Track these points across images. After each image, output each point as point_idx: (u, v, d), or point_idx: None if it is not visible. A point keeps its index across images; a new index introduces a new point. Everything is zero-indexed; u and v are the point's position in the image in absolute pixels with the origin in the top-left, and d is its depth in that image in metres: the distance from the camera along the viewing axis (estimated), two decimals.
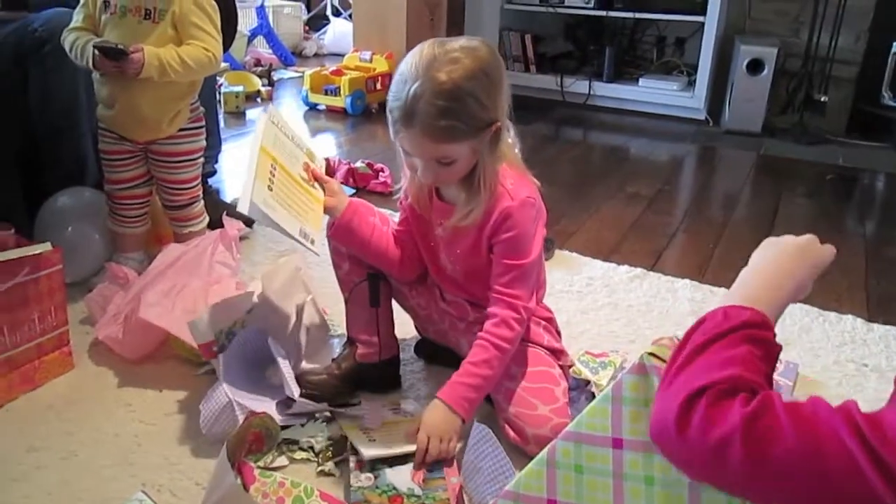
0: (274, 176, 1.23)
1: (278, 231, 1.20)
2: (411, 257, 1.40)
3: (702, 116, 3.77)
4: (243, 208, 1.14)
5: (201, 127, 1.76)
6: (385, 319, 1.43)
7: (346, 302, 1.44)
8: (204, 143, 1.78)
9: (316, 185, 1.34)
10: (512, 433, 1.24)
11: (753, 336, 0.72)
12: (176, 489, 1.15)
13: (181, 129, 1.70)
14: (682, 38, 4.07)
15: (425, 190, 1.31)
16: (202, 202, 1.82)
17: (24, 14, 1.82)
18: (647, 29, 4.18)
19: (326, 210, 1.32)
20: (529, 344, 1.35)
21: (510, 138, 1.25)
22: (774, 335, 0.74)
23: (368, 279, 1.39)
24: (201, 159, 1.78)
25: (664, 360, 0.77)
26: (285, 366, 1.32)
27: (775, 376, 1.48)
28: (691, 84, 3.79)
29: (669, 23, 4.01)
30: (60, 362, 1.43)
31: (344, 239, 1.35)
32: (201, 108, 1.76)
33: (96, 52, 1.52)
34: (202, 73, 1.64)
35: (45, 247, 1.37)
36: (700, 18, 3.66)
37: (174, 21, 1.58)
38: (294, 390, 1.29)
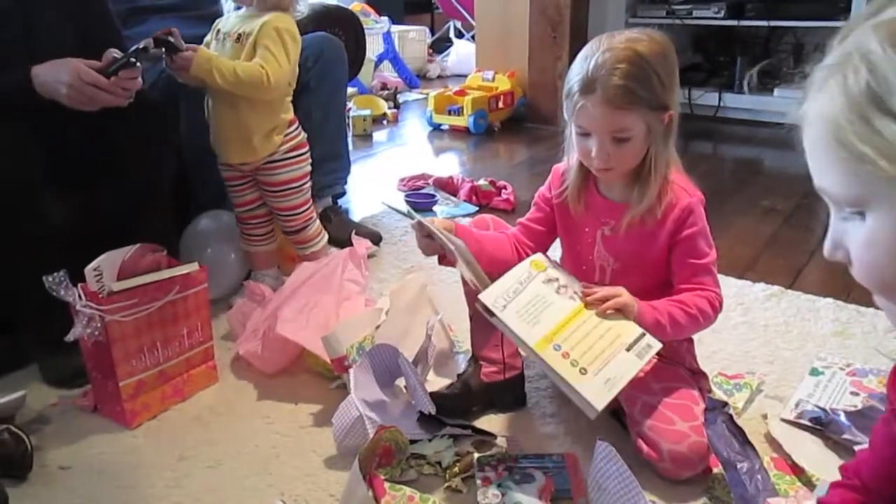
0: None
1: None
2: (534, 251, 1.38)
3: None
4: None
5: (301, 155, 1.79)
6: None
7: (471, 318, 1.45)
8: (308, 168, 1.82)
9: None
10: (646, 448, 1.21)
11: None
12: (311, 499, 1.20)
13: (280, 160, 1.74)
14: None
15: (585, 188, 1.32)
16: (318, 223, 1.88)
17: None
18: (783, 37, 3.99)
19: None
20: (671, 362, 1.32)
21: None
22: None
23: None
24: (308, 185, 1.82)
25: None
26: (418, 383, 1.35)
27: None
28: None
29: (808, 30, 3.81)
30: (206, 376, 1.53)
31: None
32: (303, 134, 1.80)
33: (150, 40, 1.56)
34: (253, 89, 1.63)
35: (192, 266, 1.46)
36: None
37: (254, 43, 1.64)
38: (430, 407, 1.31)
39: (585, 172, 1.32)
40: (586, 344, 1.17)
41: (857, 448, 1.26)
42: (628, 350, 1.18)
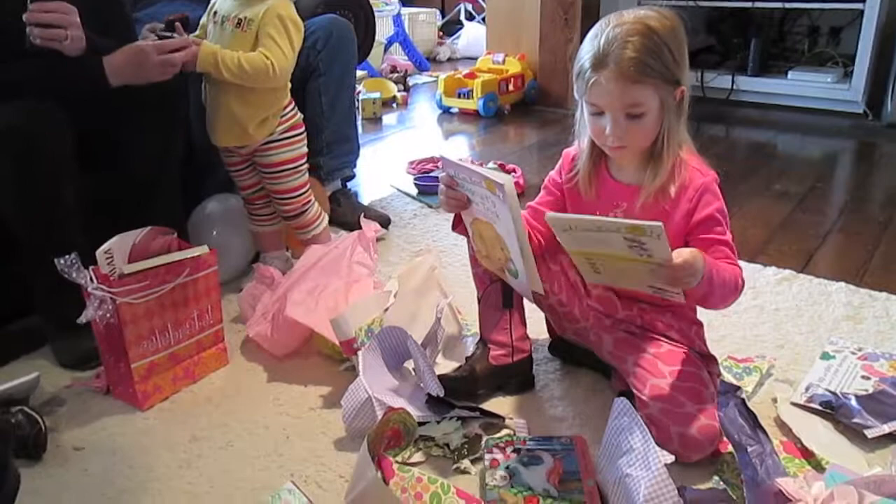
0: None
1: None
2: (543, 238, 1.37)
3: (859, 110, 3.50)
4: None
5: (298, 135, 1.77)
6: (517, 321, 1.43)
7: (479, 301, 1.45)
8: (304, 150, 1.80)
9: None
10: (654, 430, 1.20)
11: None
12: (322, 481, 1.21)
13: (277, 140, 1.73)
14: (838, 27, 3.80)
15: (596, 171, 1.31)
16: (316, 206, 1.86)
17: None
18: (798, 19, 3.95)
19: None
20: (682, 346, 1.32)
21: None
22: None
23: (501, 281, 1.39)
24: (304, 167, 1.81)
25: None
26: (426, 365, 1.35)
27: None
28: (847, 76, 3.53)
29: (823, 12, 3.76)
30: (217, 358, 1.54)
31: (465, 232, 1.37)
32: (299, 115, 1.78)
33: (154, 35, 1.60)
34: (258, 79, 1.63)
35: (203, 249, 1.47)
36: (859, 6, 3.40)
37: (257, 30, 1.63)
38: (438, 389, 1.32)
39: (597, 156, 1.31)
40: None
41: (867, 433, 1.25)
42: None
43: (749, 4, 3.73)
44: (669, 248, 1.05)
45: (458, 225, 1.36)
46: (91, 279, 1.31)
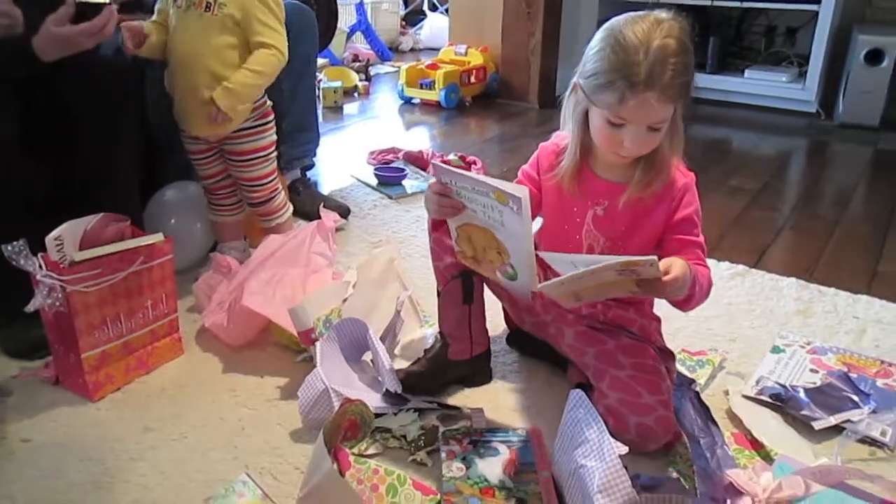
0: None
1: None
2: None
3: (813, 109, 3.59)
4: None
5: (267, 123, 1.76)
6: (477, 316, 1.43)
7: (440, 296, 1.45)
8: (273, 138, 1.78)
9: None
10: (612, 420, 1.22)
11: None
12: (277, 472, 1.20)
13: (248, 128, 1.71)
14: (794, 27, 3.88)
15: (579, 170, 1.31)
16: (283, 195, 1.85)
17: (141, 16, 1.92)
18: (756, 18, 4.02)
19: None
20: (641, 339, 1.33)
21: None
22: None
23: (461, 277, 1.39)
24: (273, 154, 1.79)
25: None
26: (384, 358, 1.35)
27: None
28: (802, 75, 3.62)
29: (780, 12, 3.84)
30: (171, 348, 1.51)
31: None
32: (268, 103, 1.76)
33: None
34: (274, 74, 1.65)
35: (158, 237, 1.44)
36: (814, 7, 3.48)
37: (236, 15, 1.60)
38: (396, 385, 1.32)
39: (584, 153, 1.30)
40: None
41: (814, 424, 1.29)
42: None
43: (708, 3, 3.78)
44: (661, 269, 1.08)
45: (439, 227, 1.35)
46: (40, 266, 1.27)
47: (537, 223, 1.42)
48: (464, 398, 1.40)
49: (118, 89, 1.64)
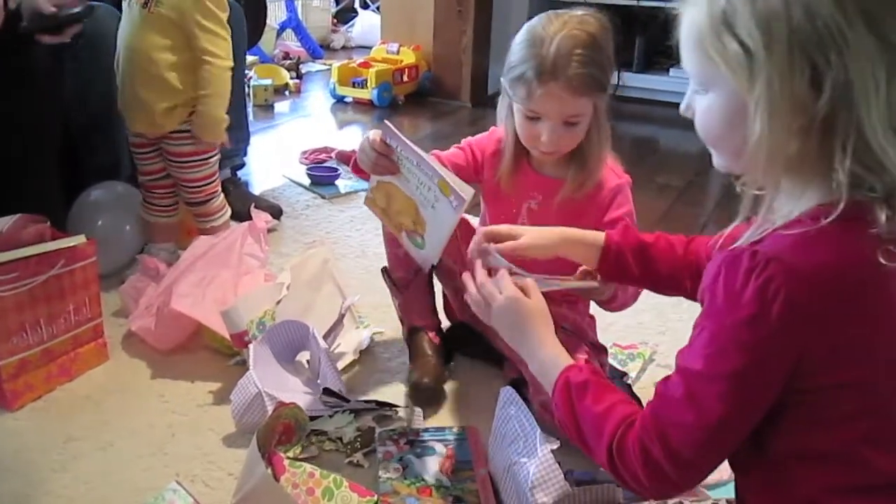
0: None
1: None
2: None
3: None
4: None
5: None
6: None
7: (402, 289, 1.44)
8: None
9: None
10: (548, 417, 1.23)
11: (584, 382, 0.87)
12: (209, 479, 1.17)
13: (186, 130, 1.67)
14: None
15: (517, 165, 1.32)
16: (221, 197, 1.82)
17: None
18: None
19: None
20: (575, 335, 1.35)
21: None
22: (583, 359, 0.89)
23: (433, 267, 1.39)
24: (215, 158, 1.76)
25: None
26: (328, 362, 1.33)
27: None
28: None
29: None
30: (96, 354, 1.46)
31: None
32: None
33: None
34: (228, 81, 1.65)
35: (80, 239, 1.39)
36: None
37: (171, 16, 1.57)
38: (341, 385, 1.30)
39: (521, 149, 1.31)
40: None
41: None
42: None
43: (634, 3, 3.87)
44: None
45: (362, 171, 1.33)
46: None
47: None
48: (401, 396, 1.39)
49: (35, 84, 1.58)
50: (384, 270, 1.49)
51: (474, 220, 1.45)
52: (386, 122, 1.24)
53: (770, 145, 0.70)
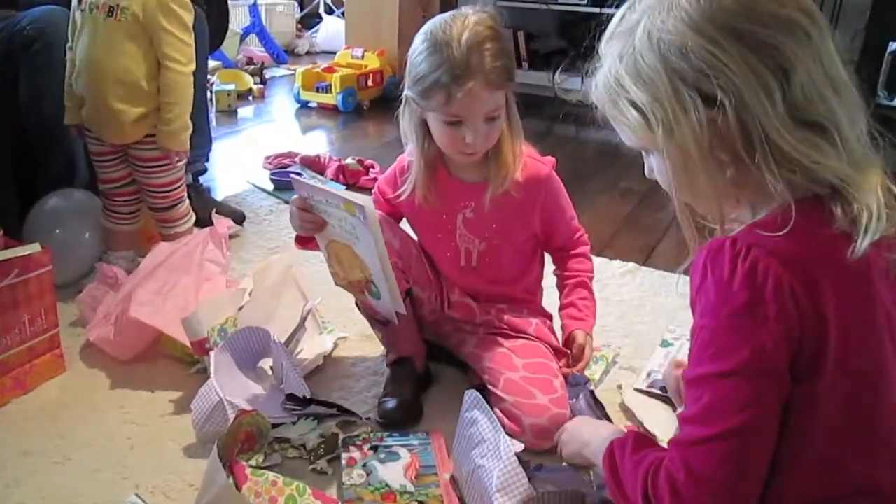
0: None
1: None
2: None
3: None
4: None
5: None
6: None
7: (383, 323, 1.40)
8: None
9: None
10: (508, 422, 1.24)
11: (624, 441, 0.88)
12: (169, 490, 1.15)
13: (153, 135, 1.65)
14: None
15: (436, 177, 1.31)
16: (186, 203, 1.80)
17: (13, 13, 1.81)
18: None
19: None
20: (534, 339, 1.36)
21: None
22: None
23: (409, 293, 1.36)
24: (181, 162, 1.74)
25: None
26: (291, 367, 1.32)
27: None
28: None
29: None
30: (52, 365, 1.43)
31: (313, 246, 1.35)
32: None
33: None
34: (190, 88, 1.65)
35: (35, 248, 1.36)
36: None
37: (140, 21, 1.55)
38: (305, 390, 1.29)
39: (433, 162, 1.31)
40: None
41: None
42: None
43: (597, 10, 3.91)
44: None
45: (307, 242, 1.33)
46: None
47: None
48: (364, 402, 1.38)
49: None
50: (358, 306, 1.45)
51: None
52: (292, 175, 1.26)
53: (705, 181, 0.74)
